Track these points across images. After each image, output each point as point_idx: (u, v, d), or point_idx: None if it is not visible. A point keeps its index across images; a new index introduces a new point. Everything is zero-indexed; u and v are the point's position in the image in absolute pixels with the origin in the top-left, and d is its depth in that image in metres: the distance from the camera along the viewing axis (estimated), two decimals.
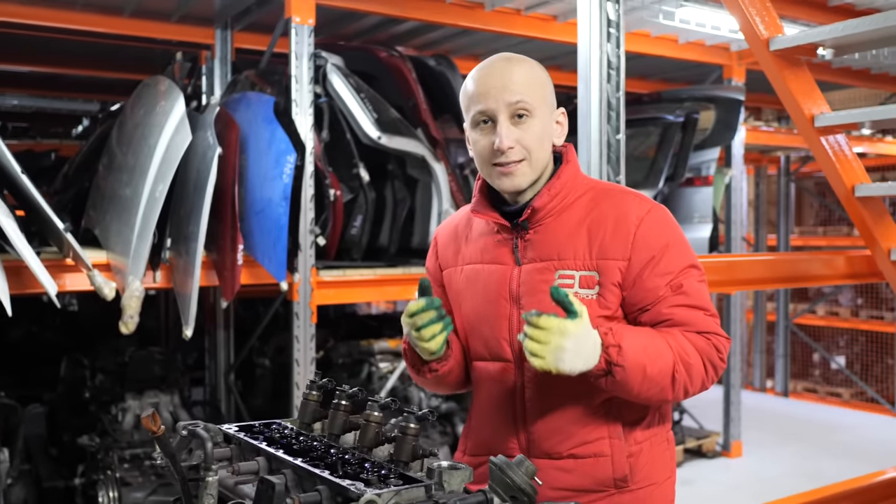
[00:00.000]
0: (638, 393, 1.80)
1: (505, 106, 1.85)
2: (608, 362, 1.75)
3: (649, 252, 1.86)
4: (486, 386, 2.01)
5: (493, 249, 1.99)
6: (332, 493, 1.49)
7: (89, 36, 5.49)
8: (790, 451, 6.73)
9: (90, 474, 4.67)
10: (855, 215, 3.45)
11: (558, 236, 1.91)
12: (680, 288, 1.86)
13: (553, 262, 1.90)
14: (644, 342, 1.79)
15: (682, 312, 1.86)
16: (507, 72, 1.87)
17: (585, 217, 1.91)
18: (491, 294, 1.96)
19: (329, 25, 5.38)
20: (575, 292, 1.86)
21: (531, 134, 1.87)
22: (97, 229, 4.48)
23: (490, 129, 1.88)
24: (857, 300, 9.28)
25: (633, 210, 1.89)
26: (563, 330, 1.70)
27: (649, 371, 1.77)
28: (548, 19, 5.34)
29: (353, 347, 5.30)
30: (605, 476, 1.90)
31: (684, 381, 1.82)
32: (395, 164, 4.95)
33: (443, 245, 2.14)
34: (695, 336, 1.85)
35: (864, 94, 7.81)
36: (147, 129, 4.21)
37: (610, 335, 1.76)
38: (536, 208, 1.91)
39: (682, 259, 1.89)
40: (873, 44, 3.23)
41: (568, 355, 1.71)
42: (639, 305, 1.88)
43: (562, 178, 1.93)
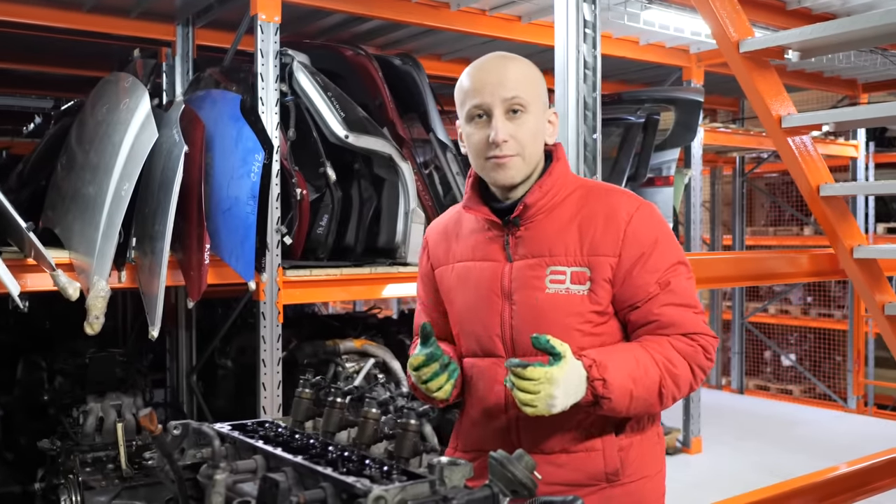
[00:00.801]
0: (626, 413, 1.85)
1: (500, 101, 1.88)
2: (595, 395, 1.79)
3: (639, 249, 1.89)
4: (478, 383, 2.02)
5: (485, 246, 2.00)
6: (336, 491, 1.49)
7: (44, 31, 5.37)
8: (749, 447, 6.85)
9: (51, 478, 4.56)
10: (819, 214, 3.53)
11: (549, 233, 1.93)
12: (668, 285, 1.89)
13: (545, 259, 1.92)
14: (629, 366, 1.82)
15: (671, 312, 1.89)
16: (503, 68, 1.91)
17: (576, 214, 1.93)
18: (483, 290, 1.98)
19: (292, 23, 5.34)
20: (566, 288, 1.89)
21: (525, 130, 1.90)
22: (58, 228, 4.38)
23: (485, 124, 1.91)
24: (807, 299, 9.50)
25: (623, 207, 1.92)
26: (550, 378, 1.72)
27: (636, 393, 1.81)
28: (512, 20, 5.38)
29: (318, 347, 5.25)
30: (597, 470, 1.93)
31: (672, 392, 1.87)
32: (362, 164, 4.92)
33: (433, 244, 2.16)
34: (680, 342, 1.88)
35: (816, 96, 8.00)
36: (111, 127, 4.13)
37: (594, 368, 1.78)
38: (528, 204, 1.93)
39: (671, 255, 1.92)
40: (839, 47, 3.32)
41: (559, 400, 1.74)
42: (629, 302, 1.91)
43: (553, 175, 1.96)
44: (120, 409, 4.70)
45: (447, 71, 6.30)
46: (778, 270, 3.90)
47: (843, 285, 8.97)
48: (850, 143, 7.83)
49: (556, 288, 1.91)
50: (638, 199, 1.98)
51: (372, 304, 8.57)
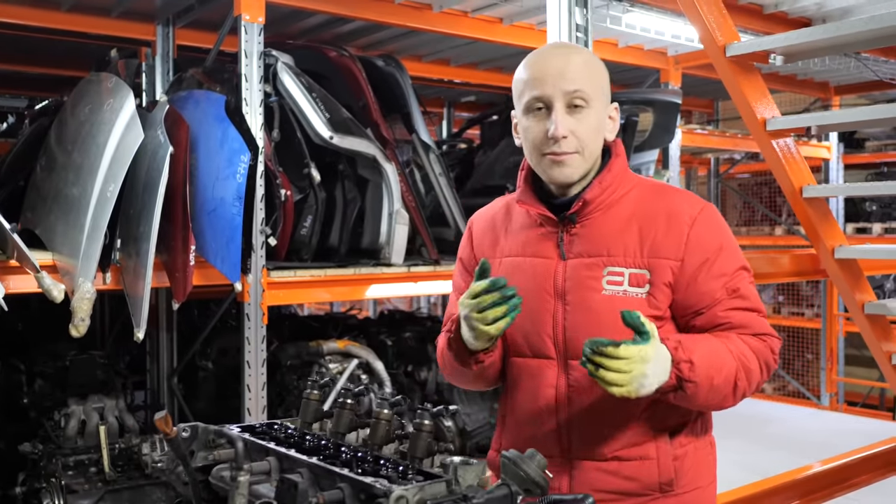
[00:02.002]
0: (701, 403, 1.79)
1: (562, 93, 1.80)
2: (679, 378, 1.71)
3: (703, 254, 1.82)
4: (526, 383, 1.94)
5: (536, 242, 1.92)
6: (354, 491, 1.50)
7: (21, 30, 5.30)
8: (726, 445, 6.80)
9: (32, 482, 4.51)
10: (801, 215, 3.60)
11: (607, 231, 1.86)
12: (736, 291, 1.83)
13: (602, 258, 1.85)
14: (711, 353, 1.75)
15: (739, 316, 1.83)
16: (566, 59, 1.83)
17: (635, 213, 1.86)
18: (534, 288, 1.89)
19: (275, 24, 5.31)
20: (624, 290, 1.82)
21: (586, 125, 1.82)
22: (39, 230, 4.33)
23: (544, 116, 1.82)
24: (779, 297, 9.64)
25: (686, 209, 1.85)
26: (644, 357, 1.65)
27: (716, 382, 1.74)
28: (494, 22, 5.41)
29: (301, 348, 5.24)
30: (651, 479, 1.85)
31: (744, 386, 1.80)
32: (346, 164, 4.92)
33: (479, 234, 2.07)
34: (752, 339, 1.83)
35: (789, 98, 8.12)
36: (95, 128, 4.09)
37: (681, 350, 1.72)
38: (588, 201, 1.85)
39: (735, 260, 1.86)
40: (823, 51, 3.39)
41: (648, 380, 1.66)
42: (693, 308, 1.84)
43: (612, 172, 1.87)
44: (102, 412, 4.66)
45: (429, 72, 6.32)
46: (760, 270, 3.95)
47: (814, 285, 9.11)
48: (823, 145, 7.96)
49: (614, 290, 1.83)
50: (699, 200, 1.90)
51: (350, 305, 8.57)
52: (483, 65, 6.42)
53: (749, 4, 5.03)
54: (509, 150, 6.07)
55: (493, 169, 6.29)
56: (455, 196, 5.28)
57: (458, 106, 8.37)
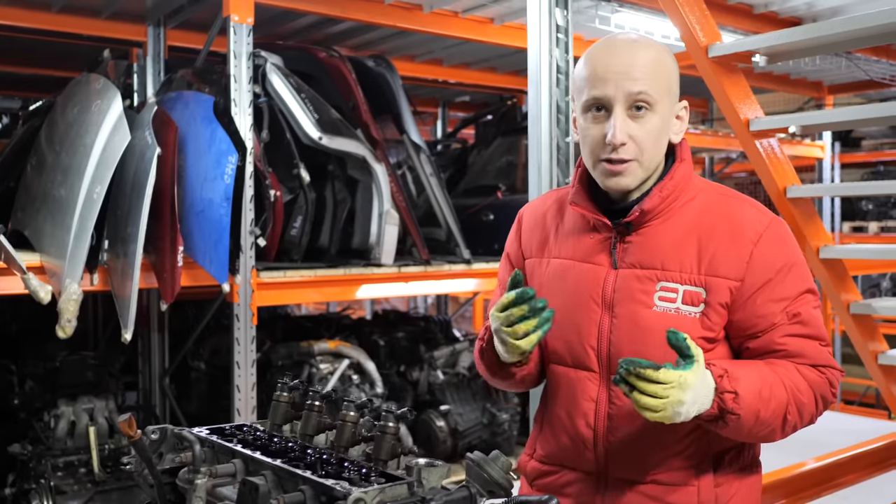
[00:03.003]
0: (745, 436, 1.68)
1: (624, 95, 1.66)
2: (721, 409, 1.59)
3: (766, 274, 1.68)
4: (565, 393, 1.83)
5: (588, 247, 1.80)
6: (315, 493, 1.51)
7: (12, 31, 5.31)
8: None
9: (22, 483, 4.53)
10: (786, 215, 3.59)
11: (664, 243, 1.72)
12: (797, 316, 1.69)
13: (656, 272, 1.72)
14: (759, 384, 1.62)
15: (797, 343, 1.70)
16: (632, 56, 1.68)
17: (696, 225, 1.72)
18: (581, 296, 1.78)
19: (265, 24, 5.32)
20: (676, 308, 1.70)
21: (647, 130, 1.68)
22: (28, 230, 4.35)
23: (603, 118, 1.69)
24: None
25: (751, 223, 1.71)
26: (683, 383, 1.53)
27: (762, 415, 1.62)
28: (485, 22, 5.41)
29: (292, 349, 5.26)
30: None
31: (795, 420, 1.68)
32: (336, 165, 4.94)
33: (528, 230, 1.94)
34: (809, 370, 1.70)
35: (784, 98, 8.12)
36: (82, 129, 4.11)
37: (726, 379, 1.59)
38: (646, 210, 1.71)
39: (801, 283, 1.71)
40: (804, 52, 3.38)
41: (685, 407, 1.54)
42: (749, 331, 1.71)
43: (675, 179, 1.73)
44: (92, 413, 4.68)
45: (421, 72, 6.32)
46: None
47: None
48: (817, 144, 7.95)
49: (665, 306, 1.70)
50: (768, 213, 1.75)
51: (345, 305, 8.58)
52: (476, 65, 6.43)
53: (738, 4, 5.02)
54: (502, 150, 6.08)
55: (486, 169, 6.30)
56: (446, 196, 5.29)
57: (453, 106, 8.37)
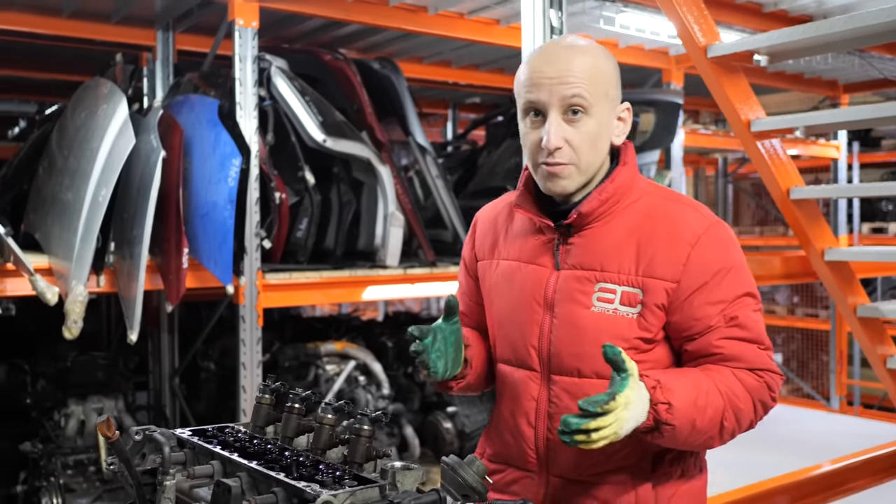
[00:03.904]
0: (682, 444, 1.67)
1: (558, 100, 1.67)
2: (657, 420, 1.59)
3: (703, 276, 1.68)
4: (509, 392, 1.87)
5: (533, 249, 1.83)
6: (287, 495, 1.52)
7: (25, 36, 5.38)
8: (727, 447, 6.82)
9: (33, 481, 4.59)
10: (790, 217, 3.57)
11: (604, 245, 1.74)
12: (734, 319, 1.69)
13: (595, 273, 1.73)
14: (694, 393, 1.62)
15: (734, 346, 1.69)
16: (568, 60, 1.68)
17: (637, 227, 1.73)
18: (525, 296, 1.81)
19: (271, 28, 5.36)
20: (614, 308, 1.72)
21: (583, 134, 1.69)
22: (38, 233, 4.40)
23: (540, 123, 1.71)
24: (794, 298, 9.55)
25: (691, 226, 1.71)
26: (628, 402, 1.52)
27: (699, 424, 1.62)
28: (490, 23, 5.40)
29: (299, 350, 5.29)
30: None
31: (732, 427, 1.68)
32: (341, 167, 4.96)
33: (481, 233, 1.99)
34: (746, 374, 1.70)
35: (798, 97, 8.05)
36: (89, 133, 4.16)
37: (659, 390, 1.58)
38: (583, 213, 1.73)
39: (739, 286, 1.70)
40: (805, 51, 3.36)
41: (629, 424, 1.54)
42: (686, 333, 1.72)
43: (615, 182, 1.74)
44: (101, 412, 4.73)
45: (428, 74, 6.32)
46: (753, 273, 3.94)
47: None
48: (832, 144, 7.87)
49: (603, 307, 1.72)
50: (710, 216, 1.75)
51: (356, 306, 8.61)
52: (485, 66, 6.42)
53: (747, 3, 4.98)
54: (511, 151, 6.08)
55: (495, 170, 6.30)
56: (452, 198, 5.29)
57: (463, 107, 8.36)
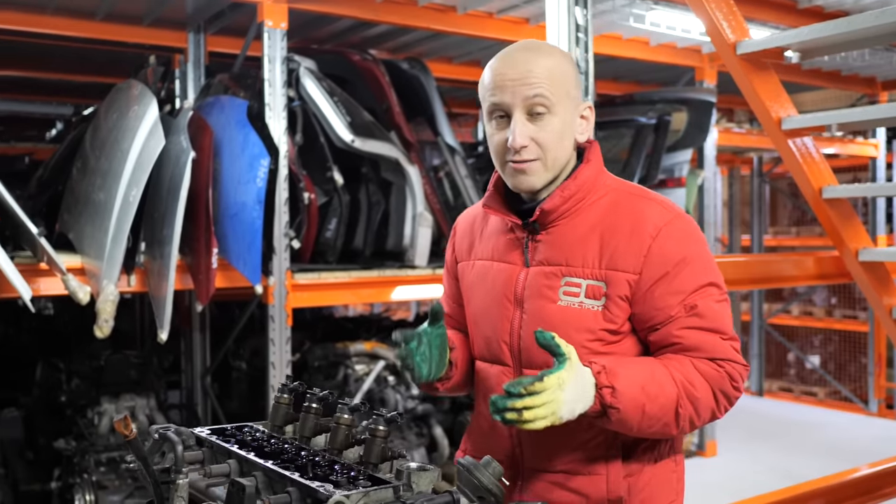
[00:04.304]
0: (638, 431, 1.70)
1: (521, 100, 1.74)
2: (602, 404, 1.64)
3: (663, 267, 1.72)
4: (485, 387, 1.93)
5: (505, 248, 1.90)
6: (301, 495, 1.52)
7: (62, 40, 5.47)
8: (765, 450, 6.80)
9: (66, 478, 4.66)
10: (823, 217, 3.50)
11: (570, 240, 1.80)
12: (693, 308, 1.73)
13: (560, 268, 1.79)
14: (643, 378, 1.67)
15: (695, 336, 1.73)
16: (528, 62, 1.75)
17: (600, 222, 1.78)
18: (496, 294, 1.88)
19: (302, 29, 5.39)
20: (580, 302, 1.77)
21: (548, 132, 1.75)
22: (71, 233, 4.47)
23: (505, 124, 1.77)
24: (832, 300, 9.38)
25: (652, 219, 1.75)
26: (562, 383, 1.58)
27: (648, 410, 1.66)
28: (520, 22, 5.38)
29: (328, 350, 5.31)
30: (599, 495, 1.80)
31: (690, 415, 1.71)
32: (370, 167, 4.97)
33: (459, 237, 2.06)
34: (705, 364, 1.72)
35: (836, 95, 7.90)
36: (120, 134, 4.21)
37: (603, 375, 1.64)
38: (546, 210, 1.79)
39: (700, 276, 1.74)
40: (838, 47, 3.29)
41: (568, 406, 1.59)
42: (648, 324, 1.76)
43: (578, 179, 1.79)
44: (133, 410, 4.79)
45: (458, 74, 6.32)
46: (784, 273, 3.87)
47: None
48: (870, 143, 7.72)
49: (569, 301, 1.77)
50: (673, 210, 1.80)
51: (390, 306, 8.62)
52: None
53: (782, 0, 4.91)
54: None
55: None
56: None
57: None
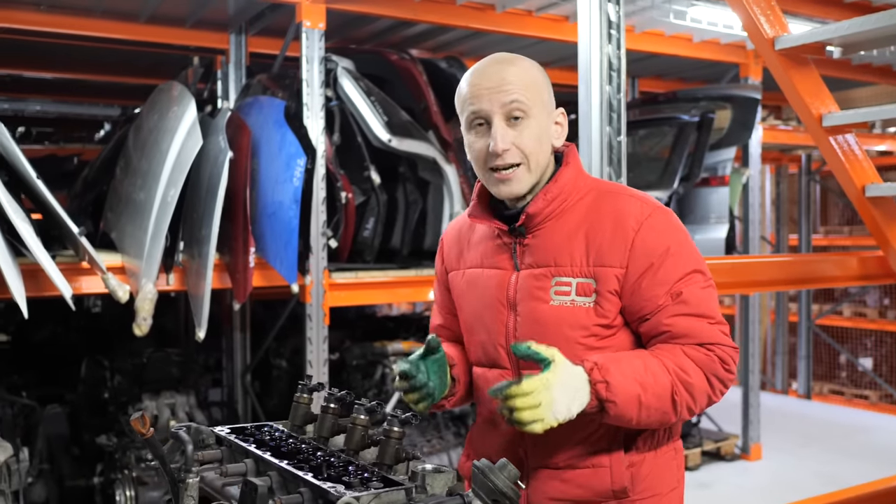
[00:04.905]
0: (637, 423, 1.74)
1: (500, 106, 1.79)
2: (599, 399, 1.69)
3: (648, 259, 1.78)
4: (484, 393, 1.95)
5: (493, 254, 1.94)
6: (313, 496, 1.51)
7: (108, 42, 5.56)
8: (810, 454, 6.65)
9: (108, 473, 4.73)
10: (866, 216, 3.41)
11: (556, 241, 1.85)
12: (679, 296, 1.78)
13: (550, 269, 1.84)
14: (636, 370, 1.71)
15: (683, 322, 1.78)
16: (501, 72, 1.81)
17: (584, 221, 1.84)
18: (489, 299, 1.92)
19: (341, 29, 5.41)
20: (571, 300, 1.82)
21: (527, 136, 1.81)
22: (114, 232, 4.54)
23: (485, 132, 1.82)
24: (884, 301, 9.14)
25: (633, 214, 1.81)
26: (548, 384, 1.63)
27: (644, 400, 1.70)
28: (559, 20, 5.33)
29: (366, 349, 5.32)
30: (604, 487, 1.85)
31: (686, 402, 1.75)
32: (407, 167, 4.96)
33: (448, 247, 2.11)
34: (695, 350, 1.77)
35: (889, 90, 7.70)
36: (160, 134, 4.26)
37: (596, 371, 1.69)
38: (531, 214, 1.85)
39: (684, 265, 1.80)
40: (882, 41, 3.20)
41: (561, 406, 1.64)
42: (638, 315, 1.81)
43: (559, 182, 1.86)
44: (174, 408, 4.85)
45: None
46: (825, 274, 3.78)
47: None
48: None
49: (561, 300, 1.82)
50: (652, 204, 1.86)
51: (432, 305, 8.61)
52: (555, 63, 6.34)
53: None
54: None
55: None
56: None
57: None
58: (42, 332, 6.52)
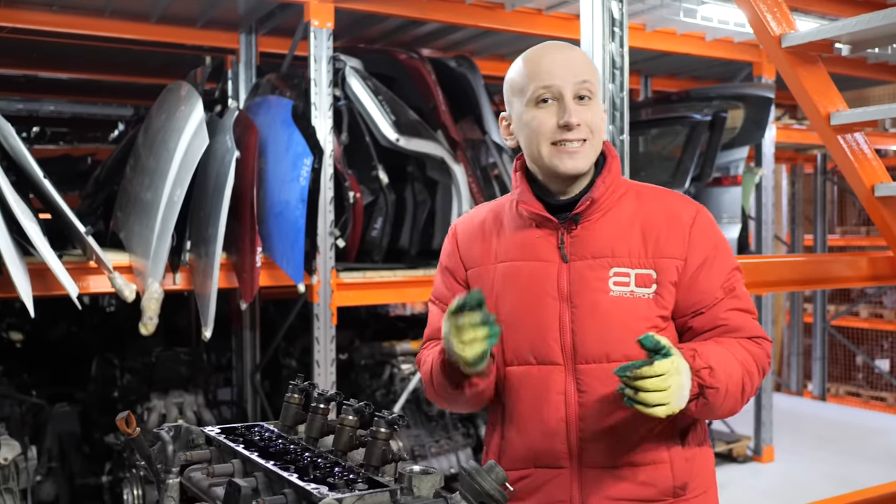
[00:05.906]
0: (716, 411, 1.77)
1: (572, 84, 1.80)
2: (701, 386, 1.69)
3: (703, 253, 1.83)
4: (530, 392, 1.87)
5: (534, 245, 1.88)
6: (297, 497, 1.50)
7: (120, 42, 5.59)
8: (824, 456, 6.58)
9: (117, 472, 4.75)
10: (876, 216, 3.35)
11: (610, 233, 1.84)
12: (733, 291, 1.84)
13: (607, 259, 1.82)
14: (721, 359, 1.74)
15: (737, 317, 1.83)
16: (572, 53, 1.86)
17: (635, 214, 1.86)
18: (535, 293, 1.85)
19: (351, 28, 5.40)
20: (631, 291, 1.81)
21: (594, 114, 1.82)
22: (122, 232, 4.56)
23: (552, 108, 1.81)
24: None
25: (684, 209, 1.87)
26: (678, 368, 1.65)
27: (730, 388, 1.73)
28: (570, 18, 5.29)
29: (375, 349, 5.31)
30: (666, 484, 1.82)
31: (749, 392, 1.80)
32: (415, 166, 4.95)
33: (465, 243, 2.00)
34: (750, 343, 1.83)
35: None
36: (167, 134, 4.27)
37: (698, 358, 1.71)
38: (595, 199, 1.84)
39: (730, 261, 1.87)
40: (892, 38, 3.15)
41: (685, 391, 1.67)
42: (693, 308, 1.83)
43: (612, 172, 1.88)
44: (182, 407, 4.86)
45: None
46: (836, 274, 3.73)
47: None
48: None
49: (621, 291, 1.81)
50: (694, 202, 1.93)
51: None
52: None
53: None
54: None
55: None
56: None
57: None
58: (57, 330, 6.56)
